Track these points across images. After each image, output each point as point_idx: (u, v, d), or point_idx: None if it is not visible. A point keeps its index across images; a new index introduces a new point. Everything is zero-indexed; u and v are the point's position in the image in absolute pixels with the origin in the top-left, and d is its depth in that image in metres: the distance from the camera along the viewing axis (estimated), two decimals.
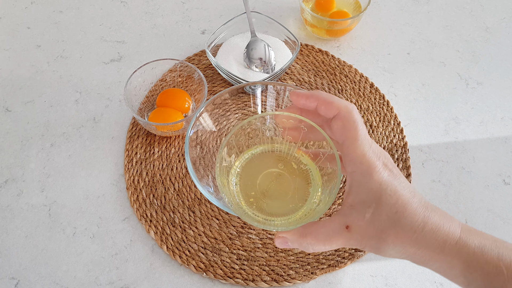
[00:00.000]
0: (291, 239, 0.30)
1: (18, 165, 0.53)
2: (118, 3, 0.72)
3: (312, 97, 0.31)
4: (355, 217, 0.28)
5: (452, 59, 0.65)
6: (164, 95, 0.56)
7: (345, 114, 0.30)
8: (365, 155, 0.28)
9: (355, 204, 0.28)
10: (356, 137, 0.29)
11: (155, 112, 0.54)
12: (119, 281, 0.46)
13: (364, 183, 0.28)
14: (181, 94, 0.56)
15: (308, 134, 0.35)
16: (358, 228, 0.28)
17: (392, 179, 0.28)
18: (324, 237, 0.29)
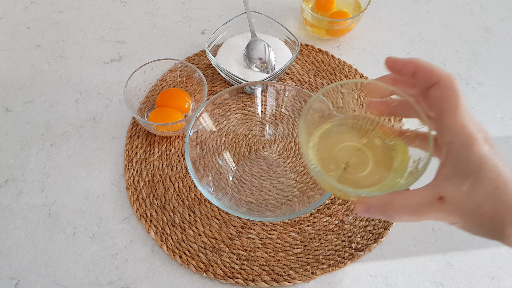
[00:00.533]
0: (375, 205, 0.28)
1: (18, 165, 0.53)
2: (118, 3, 0.72)
3: (411, 63, 0.30)
4: (450, 189, 0.27)
5: (452, 59, 0.65)
6: (164, 95, 0.56)
7: (446, 82, 0.28)
8: (466, 125, 0.27)
9: (451, 176, 0.27)
10: (457, 106, 0.27)
11: (155, 112, 0.54)
12: (119, 281, 0.46)
13: (463, 155, 0.27)
14: (181, 94, 0.56)
15: (397, 108, 0.33)
16: (452, 201, 0.26)
17: (493, 154, 0.26)
18: (414, 206, 0.27)
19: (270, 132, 0.55)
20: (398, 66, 0.30)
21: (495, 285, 0.46)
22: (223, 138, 0.53)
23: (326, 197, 0.42)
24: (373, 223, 0.49)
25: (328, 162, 0.34)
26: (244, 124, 0.55)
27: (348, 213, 0.50)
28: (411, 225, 0.50)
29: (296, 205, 0.48)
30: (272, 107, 0.54)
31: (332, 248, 0.48)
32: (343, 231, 0.49)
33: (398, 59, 0.30)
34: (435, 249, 0.48)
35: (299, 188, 0.51)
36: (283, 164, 0.53)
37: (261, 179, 0.52)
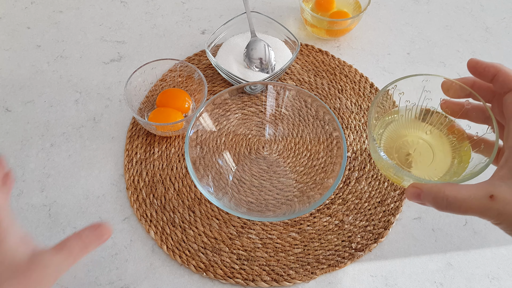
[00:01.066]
0: (427, 192, 0.29)
1: (18, 165, 0.53)
2: (118, 3, 0.72)
3: (493, 67, 0.30)
4: (503, 190, 0.27)
5: (452, 59, 0.65)
6: (164, 95, 0.56)
7: None
8: None
9: (507, 178, 0.28)
10: None
11: (155, 112, 0.54)
12: (119, 281, 0.46)
13: None
14: (181, 94, 0.56)
15: (469, 111, 0.33)
16: (503, 201, 0.27)
17: None
18: (464, 199, 0.28)
19: (270, 132, 0.55)
20: (480, 68, 0.31)
21: (495, 285, 0.46)
22: (223, 138, 0.53)
23: (326, 197, 0.42)
24: (373, 223, 0.49)
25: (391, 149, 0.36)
26: (244, 124, 0.55)
27: (348, 213, 0.50)
28: (411, 225, 0.50)
29: (296, 205, 0.48)
30: (272, 107, 0.54)
31: (332, 248, 0.48)
32: (343, 231, 0.49)
33: (480, 61, 0.31)
34: (435, 249, 0.48)
35: (299, 188, 0.51)
36: (283, 164, 0.53)
37: (261, 179, 0.52)
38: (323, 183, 0.47)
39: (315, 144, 0.52)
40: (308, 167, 0.52)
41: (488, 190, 0.28)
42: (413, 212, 0.50)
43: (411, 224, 0.50)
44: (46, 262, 0.30)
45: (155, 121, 0.53)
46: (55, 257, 0.30)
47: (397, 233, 0.49)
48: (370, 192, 0.51)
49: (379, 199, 0.51)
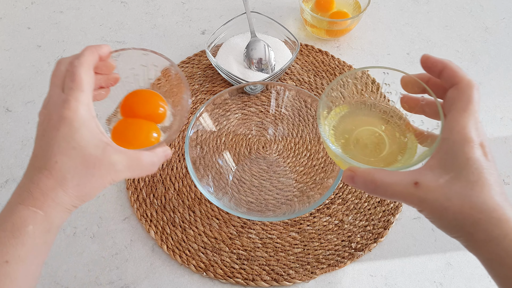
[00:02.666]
0: (359, 175, 0.30)
1: (18, 165, 0.53)
2: (118, 3, 0.72)
3: (442, 62, 0.32)
4: (428, 178, 0.28)
5: (451, 59, 0.64)
6: (130, 100, 0.40)
7: (464, 86, 0.30)
8: (465, 127, 0.28)
9: (435, 168, 0.28)
10: (465, 109, 0.29)
11: (118, 125, 0.39)
12: (119, 281, 0.46)
13: (452, 152, 0.28)
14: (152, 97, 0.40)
15: (424, 108, 0.34)
16: (426, 188, 0.28)
17: (483, 160, 0.28)
18: (391, 184, 0.29)
19: (270, 132, 0.55)
20: (429, 62, 0.32)
21: (495, 285, 0.46)
22: (223, 138, 0.53)
23: (326, 197, 0.42)
24: (373, 223, 0.49)
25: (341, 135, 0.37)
26: (244, 124, 0.55)
27: (347, 213, 0.50)
28: (410, 225, 0.50)
29: (296, 205, 0.48)
30: (272, 107, 0.54)
31: (332, 248, 0.48)
32: (343, 231, 0.49)
33: (431, 57, 0.32)
34: (434, 249, 0.48)
35: (299, 188, 0.51)
36: (283, 164, 0.53)
37: (261, 179, 0.52)
38: (323, 183, 0.47)
39: (315, 144, 0.52)
40: (308, 167, 0.52)
41: (414, 177, 0.28)
42: (412, 212, 0.50)
43: (410, 224, 0.50)
44: (113, 165, 0.31)
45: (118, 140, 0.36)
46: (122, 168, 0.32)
47: (396, 233, 0.49)
48: None
49: (379, 199, 0.51)
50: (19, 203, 0.29)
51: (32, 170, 0.30)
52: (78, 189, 0.30)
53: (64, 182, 0.30)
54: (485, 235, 0.27)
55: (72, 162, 0.30)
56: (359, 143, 0.37)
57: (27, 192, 0.29)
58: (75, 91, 0.31)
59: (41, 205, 0.29)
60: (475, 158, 0.27)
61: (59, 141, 0.30)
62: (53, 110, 0.31)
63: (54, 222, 0.30)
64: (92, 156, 0.30)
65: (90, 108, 0.31)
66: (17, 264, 0.28)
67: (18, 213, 0.29)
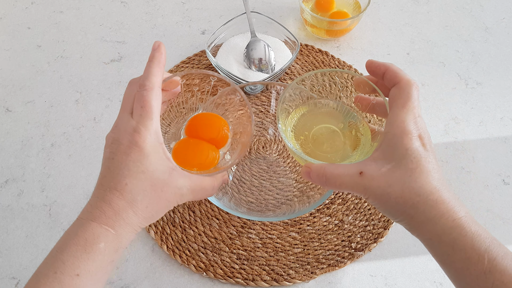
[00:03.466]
0: (314, 170, 0.33)
1: (18, 165, 0.54)
2: (118, 3, 0.72)
3: (384, 66, 0.35)
4: (371, 167, 0.31)
5: (451, 59, 0.65)
6: (195, 121, 0.42)
7: (404, 85, 0.32)
8: (404, 121, 0.31)
9: (378, 159, 0.31)
10: (404, 105, 0.32)
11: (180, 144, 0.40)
12: (119, 281, 0.46)
13: (392, 144, 0.31)
14: (219, 122, 0.42)
15: (375, 107, 0.38)
16: (370, 177, 0.30)
17: (421, 150, 0.30)
18: (339, 175, 0.31)
19: (270, 132, 0.55)
20: (373, 66, 0.36)
21: None
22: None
23: (326, 197, 0.42)
24: (373, 223, 0.49)
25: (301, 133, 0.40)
26: None
27: (347, 213, 0.50)
28: None
29: (296, 205, 0.48)
30: (272, 107, 0.54)
31: (332, 248, 0.48)
32: (343, 231, 0.49)
33: (374, 61, 0.36)
34: None
35: (299, 188, 0.51)
36: (283, 164, 0.53)
37: (261, 179, 0.52)
38: None
39: None
40: None
41: (359, 168, 0.31)
42: None
43: None
44: (179, 189, 0.33)
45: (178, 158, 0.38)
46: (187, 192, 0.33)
47: (396, 233, 0.49)
48: None
49: None
50: (92, 220, 0.31)
51: (102, 190, 0.32)
52: (146, 210, 0.31)
53: (134, 204, 0.31)
54: (424, 216, 0.29)
55: (141, 185, 0.31)
56: (317, 140, 0.39)
57: (99, 210, 0.31)
58: (145, 119, 0.32)
59: (113, 224, 0.30)
60: (413, 148, 0.30)
61: (129, 165, 0.31)
62: (123, 136, 0.32)
63: (122, 242, 0.31)
64: (160, 180, 0.32)
65: (158, 135, 0.33)
66: (86, 278, 0.29)
67: (91, 230, 0.30)
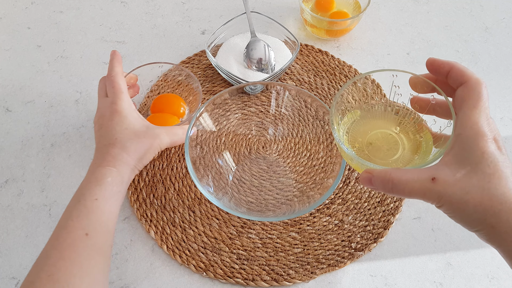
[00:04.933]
0: (377, 176, 0.30)
1: (18, 165, 0.53)
2: (118, 3, 0.72)
3: (448, 64, 0.33)
4: (445, 173, 0.29)
5: (451, 59, 0.64)
6: (158, 101, 0.56)
7: (473, 84, 0.31)
8: (477, 122, 0.29)
9: (451, 164, 0.29)
10: (476, 106, 0.30)
11: (150, 118, 0.53)
12: (119, 281, 0.46)
13: (467, 147, 0.29)
14: (175, 99, 0.56)
15: (435, 107, 0.35)
16: (444, 183, 0.28)
17: (498, 154, 0.28)
18: (408, 181, 0.29)
19: (270, 132, 0.55)
20: (436, 64, 0.33)
21: (495, 285, 0.46)
22: (223, 138, 0.53)
23: (326, 197, 0.42)
24: (373, 223, 0.49)
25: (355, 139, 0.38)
26: (244, 124, 0.55)
27: (347, 213, 0.50)
28: (410, 225, 0.50)
29: (296, 205, 0.48)
30: (272, 107, 0.54)
31: (332, 248, 0.48)
32: (342, 231, 0.49)
33: (437, 60, 0.33)
34: (434, 249, 0.48)
35: (299, 188, 0.51)
36: (283, 164, 0.53)
37: (261, 179, 0.52)
38: (323, 183, 0.47)
39: (315, 144, 0.52)
40: (308, 167, 0.52)
41: (431, 173, 0.29)
42: (412, 212, 0.51)
43: (410, 224, 0.50)
44: (157, 134, 0.45)
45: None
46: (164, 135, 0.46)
47: (396, 233, 0.49)
48: (370, 192, 0.51)
49: (379, 199, 0.51)
50: (98, 165, 0.42)
51: (100, 147, 0.43)
52: (136, 152, 0.43)
53: (125, 148, 0.43)
54: (507, 226, 0.27)
55: (128, 136, 0.43)
56: (373, 146, 0.37)
57: (101, 158, 0.42)
58: (117, 93, 0.45)
59: (114, 164, 0.42)
60: (490, 152, 0.28)
61: (115, 126, 0.43)
62: (105, 110, 0.45)
63: (124, 176, 0.42)
64: (141, 131, 0.44)
65: (130, 103, 0.46)
66: (103, 201, 0.39)
67: (99, 171, 0.41)
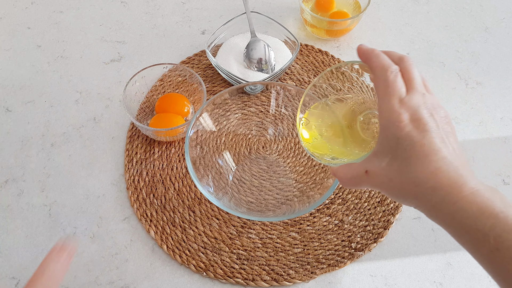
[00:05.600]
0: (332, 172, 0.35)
1: (18, 165, 0.53)
2: (118, 3, 0.72)
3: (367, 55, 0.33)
4: (373, 164, 0.31)
5: (451, 59, 0.65)
6: (162, 100, 0.56)
7: (379, 74, 0.31)
8: (389, 109, 0.30)
9: (378, 153, 0.31)
10: (384, 93, 0.31)
11: (155, 118, 0.54)
12: (119, 281, 0.46)
13: (385, 136, 0.30)
14: (180, 98, 0.56)
15: None
16: (374, 174, 0.31)
17: (415, 135, 0.29)
18: (351, 177, 0.33)
19: (270, 132, 0.55)
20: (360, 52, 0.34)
21: (495, 285, 0.46)
22: (223, 138, 0.53)
23: (326, 197, 0.42)
24: (373, 223, 0.49)
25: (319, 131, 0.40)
26: (244, 124, 0.55)
27: (347, 213, 0.50)
28: (410, 225, 0.50)
29: (296, 205, 0.48)
30: (272, 107, 0.54)
31: (332, 248, 0.48)
32: (342, 231, 0.49)
33: (363, 48, 0.34)
34: (434, 249, 0.48)
35: (299, 188, 0.51)
36: (283, 164, 0.53)
37: (261, 179, 0.52)
38: (323, 183, 0.47)
39: None
40: (308, 167, 0.52)
41: (364, 167, 0.32)
42: (412, 212, 0.51)
43: (410, 224, 0.50)
44: None
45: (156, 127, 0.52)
46: None
47: (396, 233, 0.49)
48: (370, 192, 0.51)
49: (379, 199, 0.51)
50: None
51: None
52: None
53: None
54: (428, 205, 0.29)
55: None
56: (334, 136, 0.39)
57: None
58: None
59: None
60: (403, 136, 0.29)
61: None
62: None
63: None
64: None
65: None
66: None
67: None
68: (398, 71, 0.31)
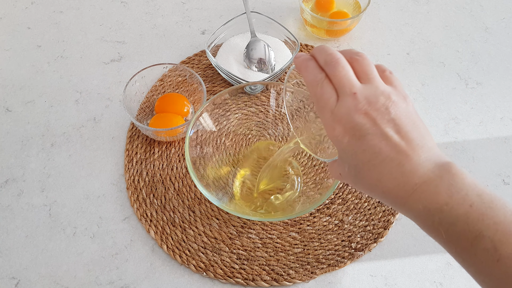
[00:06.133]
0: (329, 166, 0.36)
1: (18, 165, 0.53)
2: (118, 3, 0.72)
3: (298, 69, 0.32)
4: (341, 168, 0.32)
5: (451, 59, 0.65)
6: (162, 100, 0.56)
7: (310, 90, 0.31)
8: (326, 125, 0.30)
9: (340, 160, 0.32)
10: (317, 109, 0.31)
11: (155, 118, 0.54)
12: (119, 281, 0.46)
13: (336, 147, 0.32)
14: (180, 98, 0.56)
15: None
16: (344, 177, 0.32)
17: (354, 143, 0.29)
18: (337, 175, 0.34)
19: (270, 132, 0.55)
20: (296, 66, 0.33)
21: None
22: (223, 138, 0.53)
23: (326, 197, 0.42)
24: (373, 223, 0.49)
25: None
26: (244, 124, 0.55)
27: (347, 213, 0.50)
28: (411, 225, 0.50)
29: (296, 205, 0.48)
30: (272, 107, 0.54)
31: (332, 248, 0.48)
32: (343, 231, 0.49)
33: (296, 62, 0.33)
34: (434, 249, 0.48)
35: None
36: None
37: None
38: (323, 183, 0.47)
39: None
40: (308, 167, 0.52)
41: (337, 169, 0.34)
42: None
43: (410, 223, 0.50)
44: None
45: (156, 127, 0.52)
46: None
47: (396, 233, 0.49)
48: None
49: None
50: None
51: None
52: None
53: None
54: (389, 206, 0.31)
55: None
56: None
57: None
58: None
59: None
60: (345, 148, 0.30)
61: None
62: None
63: None
64: None
65: None
66: None
67: None
68: (324, 79, 0.30)
